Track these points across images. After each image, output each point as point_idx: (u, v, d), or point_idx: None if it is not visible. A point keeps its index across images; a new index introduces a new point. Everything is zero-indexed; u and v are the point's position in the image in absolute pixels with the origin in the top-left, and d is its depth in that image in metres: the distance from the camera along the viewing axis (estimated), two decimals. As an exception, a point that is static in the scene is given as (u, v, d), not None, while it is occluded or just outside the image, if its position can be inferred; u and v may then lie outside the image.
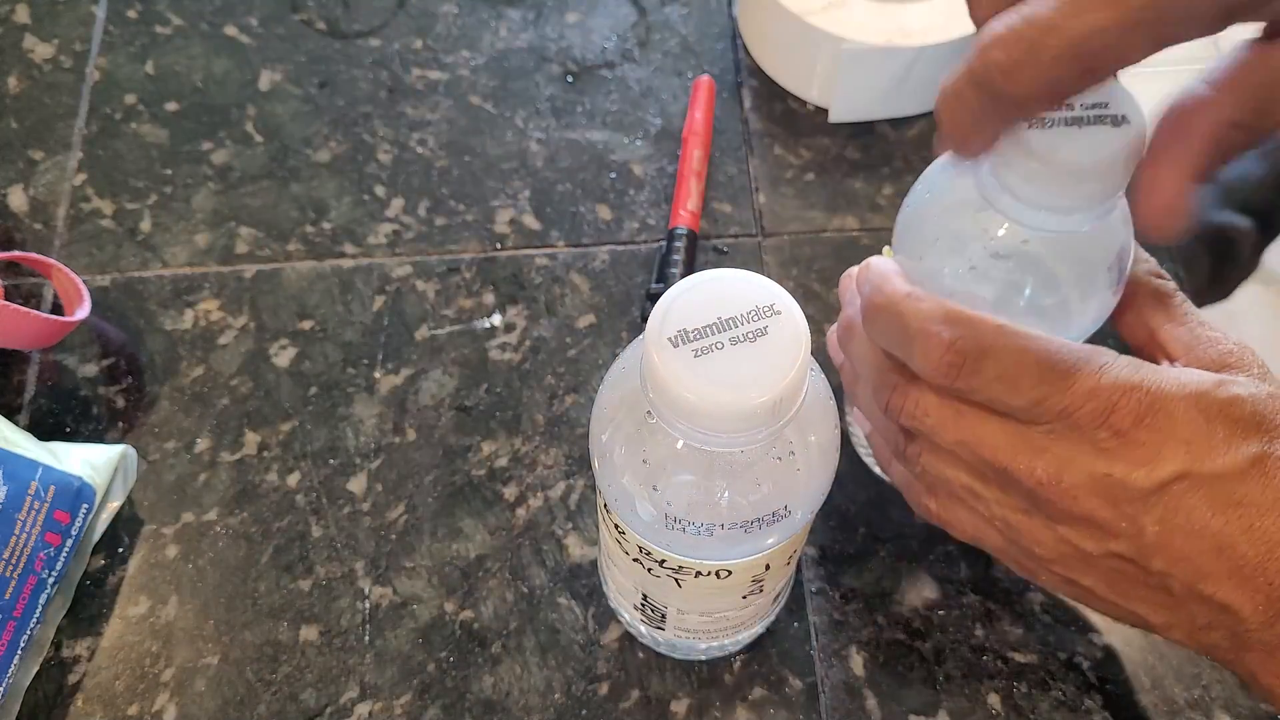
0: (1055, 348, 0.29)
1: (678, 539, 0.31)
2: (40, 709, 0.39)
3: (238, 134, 0.51)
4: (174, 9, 0.55)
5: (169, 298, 0.47)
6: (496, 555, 0.42)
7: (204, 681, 0.40)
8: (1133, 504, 0.29)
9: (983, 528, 0.33)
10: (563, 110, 0.52)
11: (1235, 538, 0.28)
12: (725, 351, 0.27)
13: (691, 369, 0.26)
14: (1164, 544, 0.29)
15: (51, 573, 0.39)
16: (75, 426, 0.44)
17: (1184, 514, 0.28)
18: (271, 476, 0.44)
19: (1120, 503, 0.29)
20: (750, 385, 0.26)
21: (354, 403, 0.45)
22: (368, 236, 0.49)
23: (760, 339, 0.27)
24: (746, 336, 0.27)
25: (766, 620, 0.40)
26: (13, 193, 0.50)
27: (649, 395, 0.27)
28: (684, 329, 0.27)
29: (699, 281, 0.28)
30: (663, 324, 0.27)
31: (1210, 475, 0.28)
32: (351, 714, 0.39)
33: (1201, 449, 0.28)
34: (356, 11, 0.55)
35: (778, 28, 0.51)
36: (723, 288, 0.28)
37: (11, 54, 0.53)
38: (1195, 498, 0.28)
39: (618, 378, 0.31)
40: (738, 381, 0.26)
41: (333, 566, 0.42)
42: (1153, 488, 0.28)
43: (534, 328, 0.47)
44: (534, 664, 0.40)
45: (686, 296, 0.28)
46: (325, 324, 0.47)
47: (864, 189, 0.50)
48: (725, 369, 0.26)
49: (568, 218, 0.50)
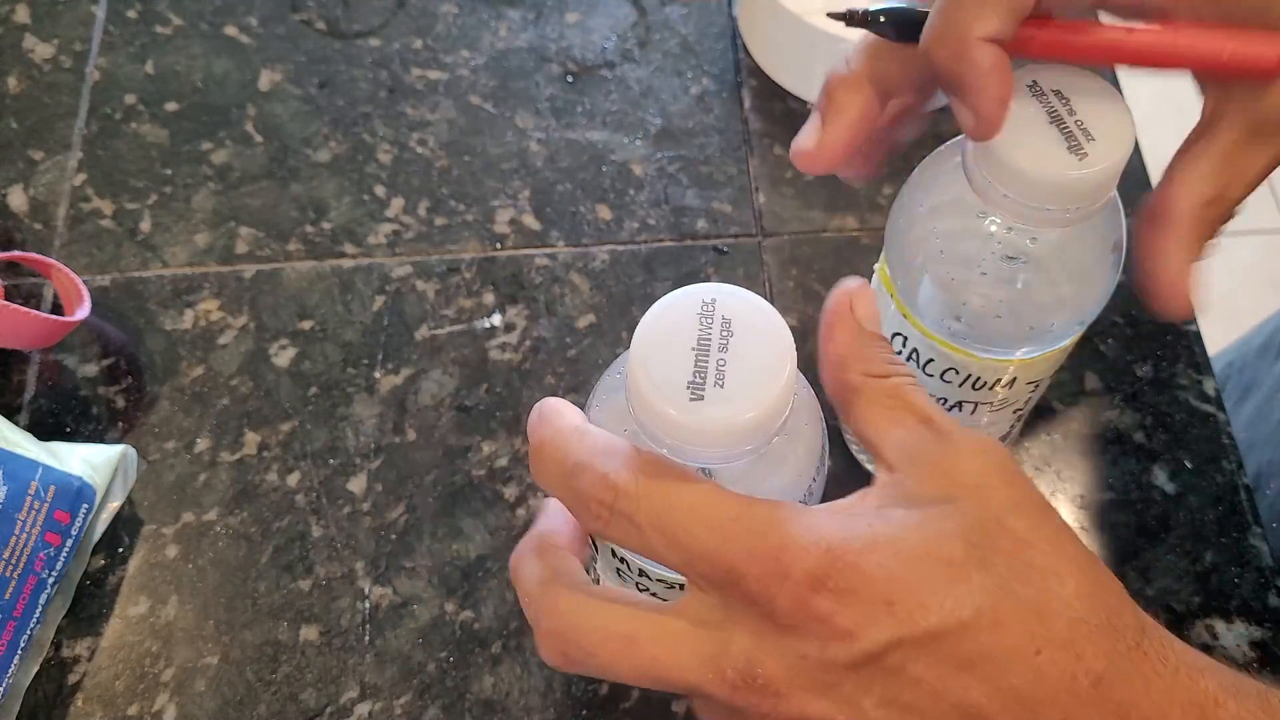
0: (717, 496, 0.24)
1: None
2: (40, 709, 0.39)
3: (238, 134, 0.51)
4: (174, 9, 0.55)
5: (169, 298, 0.47)
6: (496, 555, 0.42)
7: (204, 681, 0.40)
8: (844, 686, 0.23)
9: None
10: (563, 110, 0.52)
11: (983, 705, 0.23)
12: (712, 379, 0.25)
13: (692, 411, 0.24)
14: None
15: (51, 573, 0.39)
16: (75, 426, 0.44)
17: (909, 689, 0.23)
18: (271, 476, 0.44)
19: (829, 688, 0.23)
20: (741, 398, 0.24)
21: (354, 403, 0.45)
22: (368, 236, 0.49)
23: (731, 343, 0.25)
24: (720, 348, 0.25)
25: None
26: (13, 193, 0.50)
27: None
28: (669, 378, 0.25)
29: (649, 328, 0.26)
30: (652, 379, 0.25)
31: (926, 637, 0.22)
32: (351, 714, 0.39)
33: (909, 607, 0.22)
34: (356, 11, 0.55)
35: (778, 28, 0.51)
36: (673, 317, 0.25)
37: (11, 54, 0.53)
38: (918, 667, 0.23)
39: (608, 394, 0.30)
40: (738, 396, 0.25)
41: (333, 566, 0.42)
42: (858, 663, 0.23)
43: (534, 328, 0.47)
44: (534, 664, 0.40)
45: (654, 352, 0.25)
46: (325, 324, 0.47)
47: (864, 189, 0.50)
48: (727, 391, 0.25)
49: (568, 218, 0.50)
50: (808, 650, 0.23)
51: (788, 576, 0.23)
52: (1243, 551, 0.42)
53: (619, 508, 0.24)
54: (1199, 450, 0.44)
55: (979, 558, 0.23)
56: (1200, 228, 0.29)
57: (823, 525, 0.23)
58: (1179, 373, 0.46)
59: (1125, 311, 0.47)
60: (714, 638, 0.24)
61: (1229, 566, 0.42)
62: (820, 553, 0.23)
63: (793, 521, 0.23)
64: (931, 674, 0.23)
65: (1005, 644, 0.22)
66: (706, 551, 0.23)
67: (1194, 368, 0.46)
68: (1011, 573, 0.23)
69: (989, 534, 0.23)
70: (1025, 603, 0.23)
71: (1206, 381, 0.46)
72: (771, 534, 0.23)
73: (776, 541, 0.23)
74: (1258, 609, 0.41)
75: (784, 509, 0.24)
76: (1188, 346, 0.46)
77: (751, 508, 0.24)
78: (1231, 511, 0.43)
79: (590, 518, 0.25)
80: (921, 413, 0.26)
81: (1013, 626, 0.23)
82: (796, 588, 0.23)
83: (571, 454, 0.25)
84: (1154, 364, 0.46)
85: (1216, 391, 0.46)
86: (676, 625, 0.24)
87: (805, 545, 0.23)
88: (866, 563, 0.23)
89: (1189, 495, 0.44)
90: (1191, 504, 0.43)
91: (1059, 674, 0.23)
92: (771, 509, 0.24)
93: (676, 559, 0.24)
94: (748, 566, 0.23)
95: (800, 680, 0.23)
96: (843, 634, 0.23)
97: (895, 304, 0.35)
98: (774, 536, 0.23)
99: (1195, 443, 0.45)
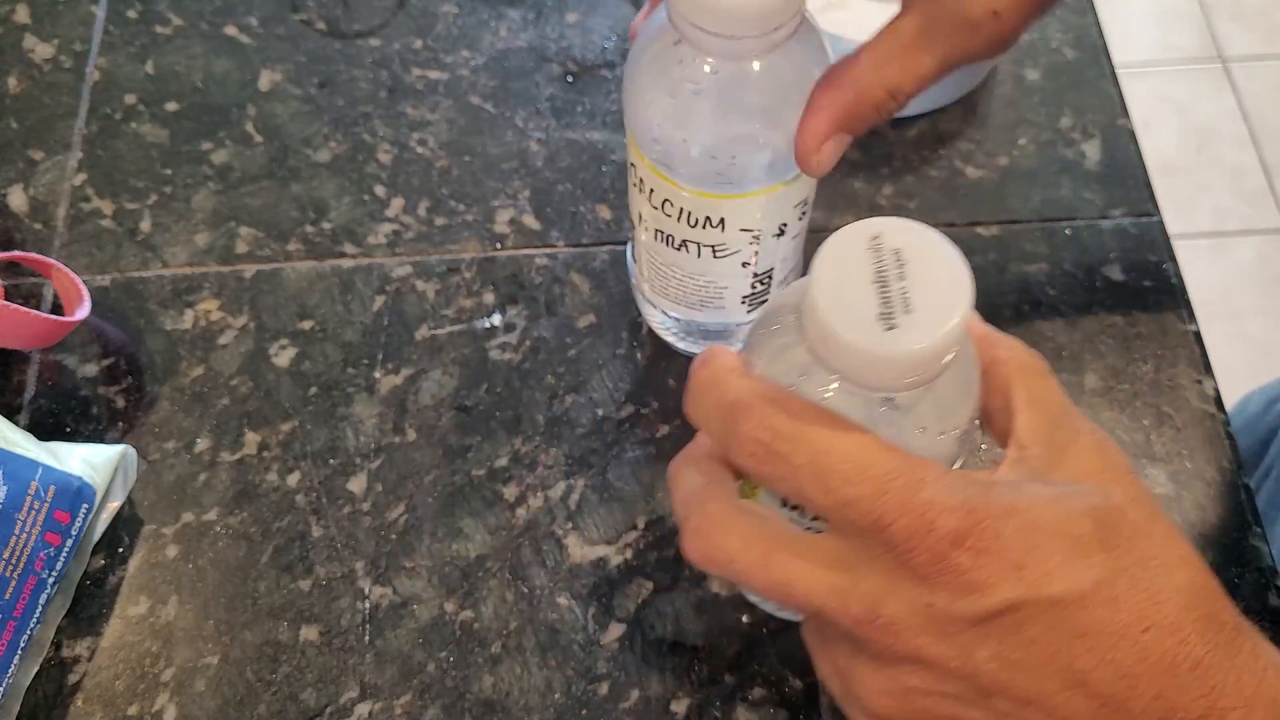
0: (876, 448, 0.25)
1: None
2: (40, 709, 0.39)
3: (238, 134, 0.51)
4: (174, 9, 0.55)
5: (169, 298, 0.47)
6: (496, 555, 0.42)
7: (204, 681, 0.40)
8: (963, 637, 0.25)
9: (826, 670, 0.30)
10: (563, 110, 0.52)
11: (1087, 674, 0.25)
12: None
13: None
14: (1005, 683, 0.25)
15: (51, 573, 0.39)
16: (75, 426, 0.44)
17: (1022, 648, 0.25)
18: (271, 476, 0.44)
19: (949, 636, 0.25)
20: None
21: (354, 403, 0.45)
22: (368, 236, 0.49)
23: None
24: None
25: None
26: (13, 193, 0.50)
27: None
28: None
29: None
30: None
31: (1047, 602, 0.24)
32: (351, 714, 0.39)
33: (1036, 573, 0.24)
34: (356, 11, 0.55)
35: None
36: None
37: (11, 54, 0.53)
38: (1034, 629, 0.25)
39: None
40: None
41: (333, 566, 0.42)
42: (981, 618, 0.25)
43: (534, 328, 0.47)
44: (534, 664, 0.40)
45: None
46: (325, 324, 0.47)
47: (864, 189, 0.50)
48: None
49: (568, 218, 0.50)
50: (935, 600, 0.25)
51: (932, 531, 0.24)
52: (1243, 551, 0.42)
53: (775, 448, 0.26)
54: (1199, 450, 0.44)
55: (1102, 539, 0.25)
56: (862, 109, 0.32)
57: (966, 489, 0.25)
58: (1179, 373, 0.46)
59: (1125, 311, 0.47)
60: (846, 573, 0.26)
61: (1229, 566, 0.42)
62: (964, 513, 0.24)
63: (940, 482, 0.25)
64: (1045, 637, 0.25)
65: (1117, 620, 0.24)
66: (858, 499, 0.25)
67: (1194, 368, 0.46)
68: (1130, 557, 0.25)
69: (1112, 520, 0.25)
70: (1140, 585, 0.25)
71: (1206, 381, 0.46)
72: (923, 490, 0.25)
73: (927, 498, 0.25)
74: (1258, 609, 0.41)
75: (933, 468, 0.25)
76: (1188, 346, 0.47)
77: (905, 463, 0.25)
78: (1231, 511, 0.43)
79: (745, 455, 0.26)
80: (1059, 401, 0.28)
81: (1126, 605, 0.25)
82: (939, 542, 0.24)
83: (730, 394, 0.27)
84: (1154, 364, 0.46)
85: (1216, 392, 0.46)
86: (813, 553, 0.27)
87: (951, 505, 0.24)
88: (1004, 528, 0.24)
89: (1189, 495, 0.44)
90: (1191, 504, 0.43)
91: (1162, 653, 0.24)
92: (922, 467, 0.25)
93: (826, 503, 0.26)
94: (896, 517, 0.25)
95: (921, 625, 0.25)
96: (973, 589, 0.24)
97: (629, 135, 0.37)
98: (925, 493, 0.25)
99: (1195, 443, 0.45)
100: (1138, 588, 0.25)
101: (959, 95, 0.52)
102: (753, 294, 0.41)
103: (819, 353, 0.27)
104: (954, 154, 0.51)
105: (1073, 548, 0.25)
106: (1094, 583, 0.24)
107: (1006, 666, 0.25)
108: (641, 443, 0.44)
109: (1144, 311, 0.47)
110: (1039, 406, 0.28)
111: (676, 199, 0.36)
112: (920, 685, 0.26)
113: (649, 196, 0.37)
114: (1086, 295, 0.48)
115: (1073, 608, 0.24)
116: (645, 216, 0.39)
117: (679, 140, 0.34)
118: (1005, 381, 0.29)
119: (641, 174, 0.37)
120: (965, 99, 0.52)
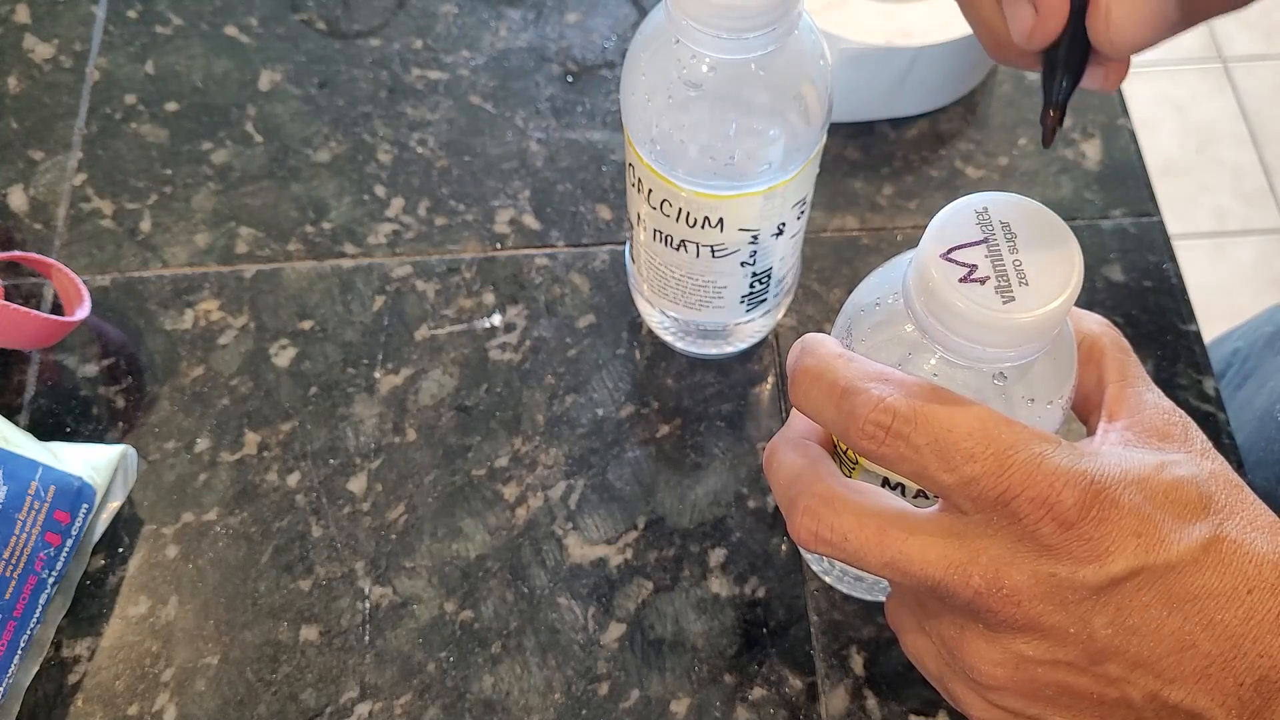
0: (995, 423, 0.26)
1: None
2: (40, 709, 0.39)
3: (238, 134, 0.51)
4: (174, 9, 0.55)
5: (169, 298, 0.47)
6: (496, 555, 0.42)
7: (204, 681, 0.40)
8: (1082, 605, 0.26)
9: (923, 646, 0.31)
10: (563, 110, 0.52)
11: (1196, 635, 0.26)
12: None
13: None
14: (1118, 648, 0.26)
15: (51, 573, 0.39)
16: (75, 426, 0.44)
17: (1137, 613, 0.26)
18: (271, 476, 0.44)
19: (1069, 604, 0.26)
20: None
21: (354, 403, 0.45)
22: (368, 236, 0.49)
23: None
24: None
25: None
26: (13, 193, 0.50)
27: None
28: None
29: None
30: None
31: (1163, 567, 0.25)
32: (351, 714, 0.39)
33: (1152, 540, 0.25)
34: (356, 11, 0.55)
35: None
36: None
37: (11, 54, 0.53)
38: (1149, 594, 0.26)
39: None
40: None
41: (333, 566, 0.42)
42: (1103, 585, 0.26)
43: (534, 328, 0.47)
44: (534, 664, 0.40)
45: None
46: (325, 324, 0.47)
47: (864, 189, 0.50)
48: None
49: (568, 218, 0.50)
50: (1058, 569, 0.25)
51: (1057, 503, 0.25)
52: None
53: (896, 429, 0.26)
54: (1199, 450, 0.44)
55: (1206, 505, 0.26)
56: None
57: (1084, 460, 0.26)
58: (1179, 373, 0.46)
59: (1125, 311, 0.47)
60: (964, 546, 0.26)
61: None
62: (1085, 484, 0.25)
63: (1060, 455, 0.26)
64: (1159, 602, 0.26)
65: (1225, 583, 0.26)
66: (982, 475, 0.25)
67: (1194, 368, 0.46)
68: (1231, 523, 0.26)
69: (1211, 488, 0.27)
70: (1243, 549, 0.26)
71: (1206, 381, 0.46)
72: (1046, 464, 0.25)
73: (1050, 471, 0.25)
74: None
75: (1049, 441, 0.26)
76: (1188, 346, 0.47)
77: (1024, 435, 0.26)
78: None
79: (864, 438, 0.27)
80: (1144, 376, 0.30)
81: (1232, 568, 0.26)
82: (1065, 514, 0.25)
83: (841, 378, 0.27)
84: (1154, 364, 0.46)
85: (1216, 391, 0.46)
86: (927, 528, 0.27)
87: (1073, 478, 0.25)
88: (1121, 497, 0.25)
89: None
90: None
91: (1265, 613, 0.26)
92: (1040, 439, 0.26)
93: (950, 480, 0.26)
94: (1022, 490, 0.25)
95: (1043, 594, 0.26)
96: (1095, 557, 0.25)
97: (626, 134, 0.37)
98: (1048, 466, 0.25)
99: (1195, 443, 0.45)
100: (1240, 552, 0.26)
101: (959, 95, 0.52)
102: (751, 294, 0.41)
103: (932, 328, 0.27)
104: (954, 154, 0.51)
105: (1182, 514, 0.26)
106: (1203, 547, 0.26)
107: (1121, 632, 0.26)
108: (641, 443, 0.44)
109: (1144, 311, 0.47)
110: (1128, 379, 0.30)
111: (675, 198, 0.36)
112: (1034, 654, 0.27)
113: (647, 196, 0.37)
114: (1087, 295, 0.48)
115: (1185, 572, 0.25)
116: (644, 216, 0.39)
117: (677, 139, 0.34)
118: (1099, 354, 0.30)
119: (640, 174, 0.37)
120: (965, 99, 0.52)
